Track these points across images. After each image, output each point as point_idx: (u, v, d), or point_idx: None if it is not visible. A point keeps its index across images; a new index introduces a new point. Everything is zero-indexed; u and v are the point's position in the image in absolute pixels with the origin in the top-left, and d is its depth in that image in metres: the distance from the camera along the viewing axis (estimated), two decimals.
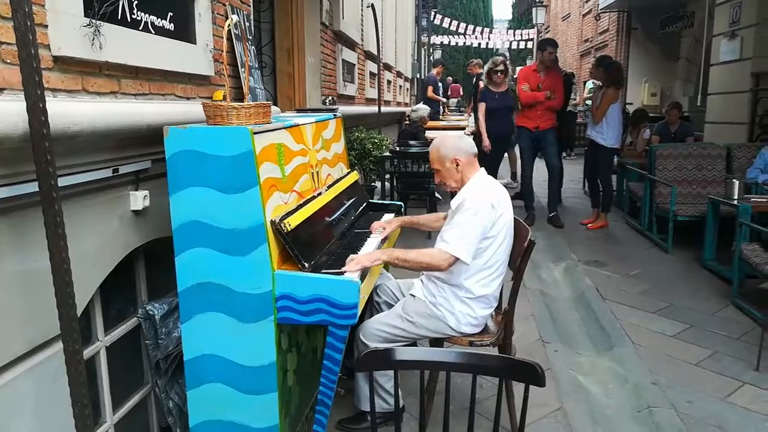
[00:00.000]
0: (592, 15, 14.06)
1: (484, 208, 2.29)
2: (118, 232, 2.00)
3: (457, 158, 2.41)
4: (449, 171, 2.43)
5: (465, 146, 2.44)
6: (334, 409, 2.34)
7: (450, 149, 2.42)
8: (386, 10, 9.42)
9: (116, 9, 1.88)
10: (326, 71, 5.47)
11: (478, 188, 2.38)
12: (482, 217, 2.28)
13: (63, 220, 1.41)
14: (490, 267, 2.37)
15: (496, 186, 2.45)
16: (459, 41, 21.04)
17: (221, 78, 2.75)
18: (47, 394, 1.63)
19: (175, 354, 2.19)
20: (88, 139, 1.67)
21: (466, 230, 2.26)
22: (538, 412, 2.65)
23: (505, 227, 2.37)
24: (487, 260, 2.35)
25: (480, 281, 2.37)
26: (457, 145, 2.43)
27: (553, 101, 6.09)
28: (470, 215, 2.28)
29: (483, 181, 2.43)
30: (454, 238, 2.26)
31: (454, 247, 2.25)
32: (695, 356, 3.21)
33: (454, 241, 2.26)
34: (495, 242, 2.34)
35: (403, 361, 1.50)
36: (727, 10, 6.17)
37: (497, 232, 2.33)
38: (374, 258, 2.22)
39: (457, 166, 2.41)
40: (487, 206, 2.30)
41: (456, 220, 2.32)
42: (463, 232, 2.26)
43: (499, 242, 2.35)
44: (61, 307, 1.43)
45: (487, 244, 2.33)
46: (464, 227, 2.27)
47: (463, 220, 2.28)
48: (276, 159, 2.06)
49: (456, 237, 2.26)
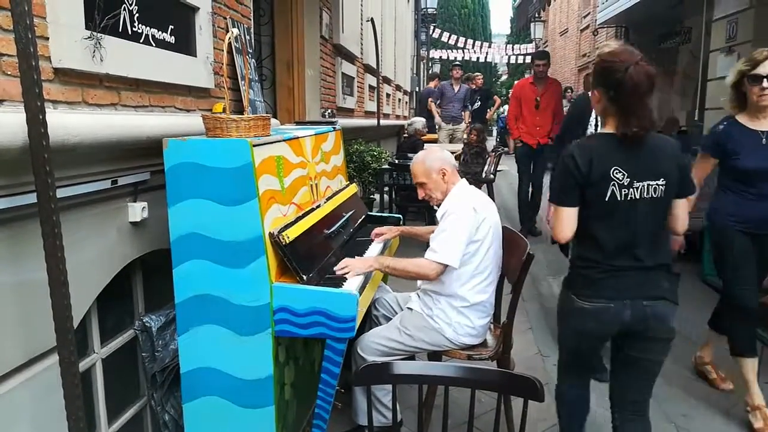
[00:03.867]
0: (589, 30, 14.17)
1: (466, 212, 2.32)
2: (116, 244, 1.99)
3: (443, 168, 2.44)
4: (436, 182, 2.46)
5: (448, 157, 2.50)
6: (332, 423, 2.32)
7: (435, 161, 2.46)
8: (386, 24, 9.49)
9: (117, 22, 1.89)
10: (326, 84, 5.50)
11: (460, 195, 2.43)
12: (465, 222, 2.30)
13: (61, 232, 1.41)
14: (482, 273, 2.38)
15: (478, 193, 2.50)
16: (458, 55, 21.17)
17: (221, 90, 2.76)
18: (42, 406, 1.61)
19: (172, 367, 2.17)
20: (87, 150, 1.68)
21: (450, 236, 2.29)
22: (537, 426, 2.63)
23: (491, 232, 2.38)
24: (477, 266, 2.36)
25: (474, 288, 2.37)
26: (442, 156, 2.49)
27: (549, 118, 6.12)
28: (453, 220, 2.31)
29: (464, 188, 2.47)
30: (440, 246, 2.29)
31: (440, 255, 2.27)
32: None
33: (440, 249, 2.28)
34: (482, 247, 2.35)
35: (401, 375, 1.50)
36: (724, 26, 6.21)
37: (483, 236, 2.35)
38: (368, 264, 2.25)
39: (443, 176, 2.45)
40: (469, 210, 2.33)
41: (440, 227, 2.35)
42: (448, 238, 2.29)
43: (486, 247, 2.36)
44: (57, 318, 1.43)
45: (474, 249, 2.34)
46: (448, 233, 2.29)
47: (448, 226, 2.31)
48: (275, 171, 2.06)
49: (441, 244, 2.29)
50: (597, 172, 1.80)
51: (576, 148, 1.86)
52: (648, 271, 1.85)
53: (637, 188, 1.81)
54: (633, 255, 1.84)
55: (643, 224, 1.83)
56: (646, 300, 1.84)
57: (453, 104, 9.23)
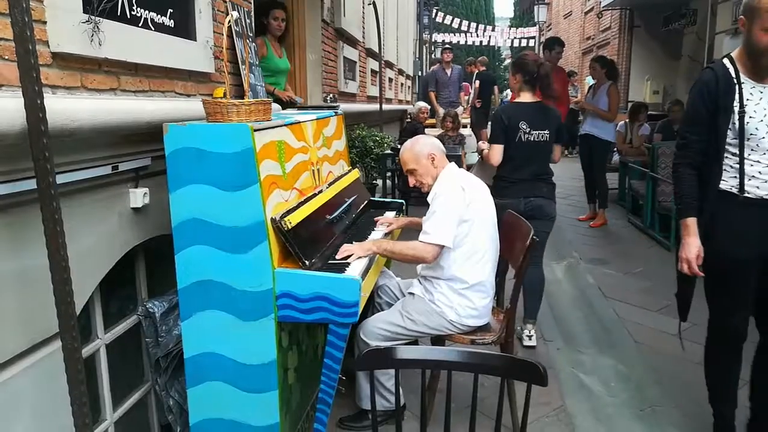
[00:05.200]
0: (594, 13, 14.01)
1: (453, 191, 2.34)
2: (118, 230, 1.99)
3: (432, 153, 2.46)
4: (426, 167, 2.47)
5: (437, 143, 2.53)
6: (335, 407, 2.33)
7: (424, 146, 2.48)
8: (388, 7, 9.39)
9: (116, 5, 1.86)
10: (327, 68, 5.46)
11: (449, 176, 2.45)
12: (454, 200, 2.32)
13: (61, 218, 1.40)
14: (477, 252, 2.38)
15: (467, 174, 2.54)
16: (461, 39, 21.00)
17: (221, 75, 2.74)
18: (46, 392, 1.62)
19: (176, 352, 2.18)
20: (87, 136, 1.66)
21: (441, 216, 2.30)
22: (540, 410, 2.64)
23: (482, 211, 2.39)
24: (471, 246, 2.37)
25: (471, 268, 2.38)
26: (431, 141, 2.53)
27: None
28: (442, 200, 2.33)
29: (453, 170, 2.49)
30: (432, 227, 2.30)
31: (433, 236, 2.28)
32: (698, 355, 3.19)
33: (432, 230, 2.29)
34: (474, 226, 2.36)
35: (405, 359, 1.49)
36: (730, 8, 6.13)
37: (473, 215, 2.35)
38: (366, 248, 2.25)
39: (432, 161, 2.46)
40: (457, 189, 2.34)
41: (431, 209, 2.36)
42: (439, 218, 2.30)
43: (478, 226, 2.37)
44: (59, 304, 1.43)
45: (466, 229, 2.35)
46: (439, 214, 2.31)
47: (438, 207, 2.33)
48: (276, 156, 2.04)
49: (433, 225, 2.30)
50: (512, 124, 3.12)
51: (501, 110, 3.32)
52: (535, 181, 3.15)
53: (534, 135, 3.14)
54: (528, 172, 3.14)
55: (535, 156, 3.16)
56: (533, 197, 3.13)
57: (448, 89, 9.14)
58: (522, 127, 3.09)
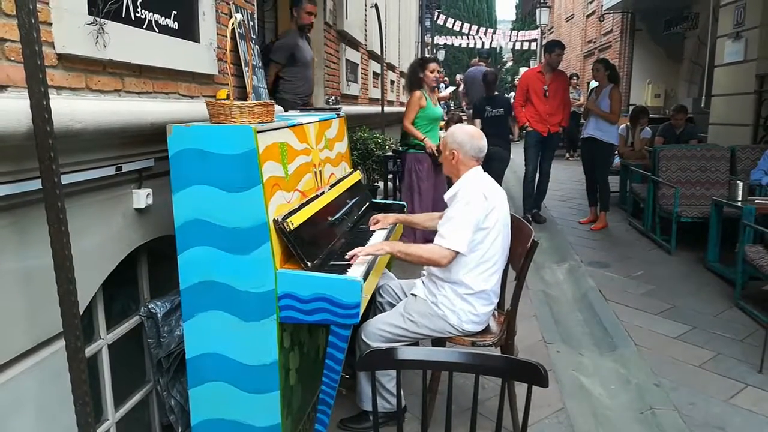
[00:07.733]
0: (596, 16, 14.03)
1: (476, 198, 2.31)
2: (121, 230, 2.00)
3: (454, 150, 2.43)
4: (446, 159, 2.48)
5: (468, 144, 2.42)
6: (336, 408, 2.34)
7: (455, 140, 2.45)
8: (390, 10, 9.41)
9: (120, 7, 1.88)
10: (329, 71, 5.47)
11: (472, 180, 2.41)
12: (474, 207, 2.30)
13: (66, 218, 1.41)
14: (487, 261, 2.37)
15: (490, 181, 2.47)
16: (462, 42, 21.01)
17: (225, 77, 2.75)
18: (49, 391, 1.63)
19: (177, 352, 2.19)
20: (91, 137, 1.68)
21: (459, 221, 2.29)
22: (540, 412, 2.64)
23: (499, 221, 2.37)
24: (483, 254, 2.36)
25: (479, 276, 2.37)
26: (462, 140, 2.43)
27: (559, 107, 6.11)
28: (462, 205, 2.31)
29: (478, 175, 2.45)
30: (449, 231, 2.28)
31: (450, 241, 2.27)
32: (698, 358, 3.20)
33: (449, 235, 2.28)
34: (489, 235, 2.35)
35: (406, 360, 1.50)
36: (732, 12, 6.14)
37: (491, 224, 2.34)
38: (378, 248, 2.25)
39: (453, 157, 2.44)
40: (480, 196, 2.32)
41: (450, 213, 2.35)
42: (457, 223, 2.29)
43: (493, 236, 2.35)
44: (63, 304, 1.43)
45: (481, 237, 2.33)
46: (457, 219, 2.29)
47: (456, 212, 2.31)
48: (279, 158, 2.05)
49: (451, 230, 2.29)
50: (481, 106, 6.19)
51: (477, 102, 6.50)
52: (493, 138, 3.92)
53: (493, 111, 6.04)
54: (494, 135, 4.38)
55: (495, 125, 5.84)
56: (494, 147, 4.20)
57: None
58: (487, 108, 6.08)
